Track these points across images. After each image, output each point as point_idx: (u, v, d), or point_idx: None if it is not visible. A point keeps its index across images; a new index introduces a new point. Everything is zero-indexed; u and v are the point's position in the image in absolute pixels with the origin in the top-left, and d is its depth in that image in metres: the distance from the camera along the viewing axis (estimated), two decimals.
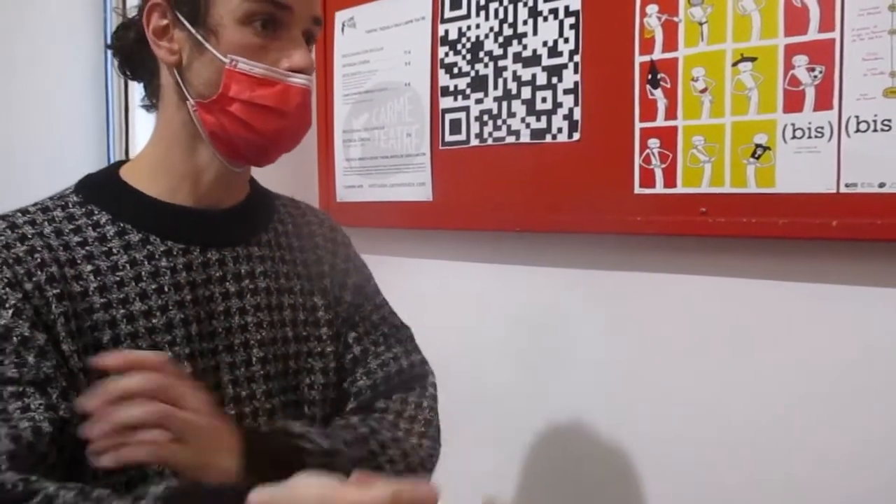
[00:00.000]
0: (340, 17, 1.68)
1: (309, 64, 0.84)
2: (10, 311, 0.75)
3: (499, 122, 1.40)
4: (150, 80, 0.88)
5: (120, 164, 0.91)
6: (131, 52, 0.88)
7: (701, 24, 1.15)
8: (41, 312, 0.76)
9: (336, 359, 0.95)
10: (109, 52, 0.94)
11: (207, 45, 0.81)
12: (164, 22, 0.83)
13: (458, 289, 1.54)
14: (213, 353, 0.85)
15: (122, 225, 0.83)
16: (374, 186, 1.63)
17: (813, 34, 1.05)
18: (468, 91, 1.45)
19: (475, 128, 1.44)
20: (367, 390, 0.95)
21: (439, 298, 1.56)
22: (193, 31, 0.81)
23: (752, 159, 1.11)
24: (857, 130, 1.02)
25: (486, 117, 1.42)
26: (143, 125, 1.16)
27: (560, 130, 1.32)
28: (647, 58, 1.21)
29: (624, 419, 1.30)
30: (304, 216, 1.01)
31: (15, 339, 0.74)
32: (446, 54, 1.48)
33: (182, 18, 0.82)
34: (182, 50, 0.83)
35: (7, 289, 0.76)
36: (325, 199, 1.72)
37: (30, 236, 0.79)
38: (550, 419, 1.40)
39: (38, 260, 0.78)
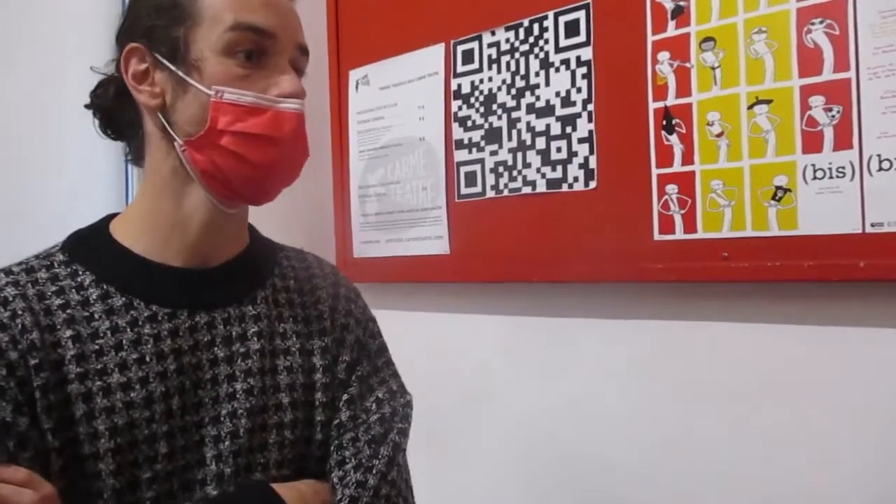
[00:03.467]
0: (354, 75, 1.70)
1: (299, 89, 0.81)
2: None
3: (514, 173, 1.40)
4: (135, 134, 0.85)
5: (110, 217, 0.87)
6: (112, 108, 0.85)
7: (713, 68, 1.15)
8: (25, 384, 0.73)
9: (323, 429, 0.86)
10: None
11: (190, 80, 0.78)
12: (144, 66, 0.81)
13: (479, 341, 1.51)
14: (198, 426, 0.79)
15: (105, 287, 0.79)
16: (390, 241, 1.63)
17: (828, 74, 1.04)
18: (482, 143, 1.45)
19: (490, 179, 1.44)
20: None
21: (459, 351, 1.54)
22: (174, 69, 0.79)
23: (772, 202, 1.09)
24: (880, 169, 1.00)
25: (501, 169, 1.42)
26: None
27: (576, 179, 1.31)
28: (660, 104, 1.20)
29: (645, 468, 1.26)
30: (309, 269, 0.95)
31: None
32: (460, 108, 1.49)
33: (162, 59, 0.79)
34: (164, 91, 0.80)
35: None
36: (342, 256, 1.71)
37: (11, 299, 0.76)
38: (570, 467, 1.36)
39: (20, 325, 0.74)
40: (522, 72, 1.39)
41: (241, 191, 0.82)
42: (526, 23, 1.38)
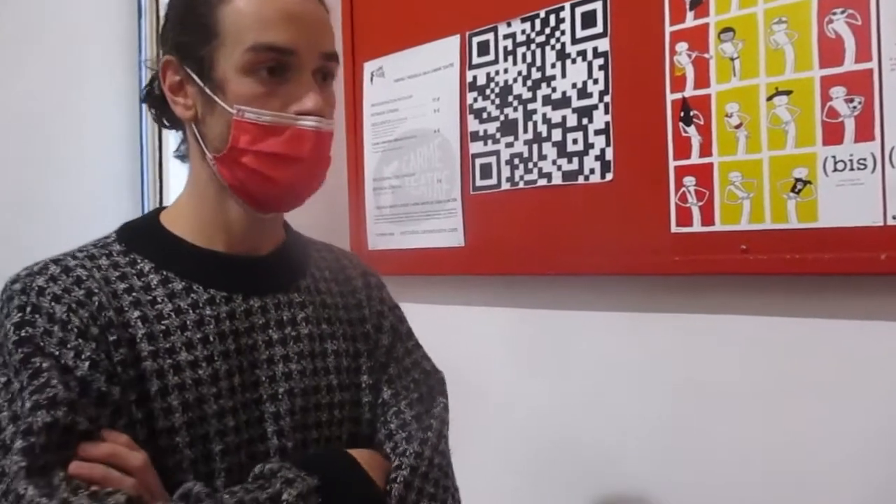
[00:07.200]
0: (369, 67, 1.70)
1: (319, 106, 0.83)
2: (87, 364, 0.74)
3: (530, 164, 1.39)
4: (181, 132, 0.91)
5: (159, 210, 0.92)
6: (161, 104, 0.89)
7: (732, 59, 1.13)
8: (109, 358, 0.76)
9: (371, 409, 0.92)
10: (143, 104, 0.95)
11: (216, 98, 0.82)
12: (178, 78, 0.84)
13: (493, 334, 1.51)
14: (257, 403, 0.84)
15: (164, 273, 0.83)
16: (405, 233, 1.62)
17: (849, 65, 1.03)
18: (498, 135, 1.44)
19: (506, 171, 1.43)
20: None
21: (472, 344, 1.53)
22: (202, 85, 0.82)
23: (792, 194, 1.08)
24: None
25: (516, 161, 1.41)
26: (178, 175, 1.18)
27: (592, 171, 1.31)
28: (678, 95, 1.19)
29: (662, 466, 1.25)
30: (339, 261, 1.00)
31: (93, 394, 0.74)
32: (475, 100, 1.48)
33: (192, 74, 0.83)
34: (196, 105, 0.84)
35: (80, 339, 0.75)
36: (357, 248, 1.71)
37: (84, 278, 0.79)
38: (587, 462, 1.35)
39: (97, 303, 0.78)
40: (538, 63, 1.38)
41: (266, 203, 0.86)
42: (542, 14, 1.38)
